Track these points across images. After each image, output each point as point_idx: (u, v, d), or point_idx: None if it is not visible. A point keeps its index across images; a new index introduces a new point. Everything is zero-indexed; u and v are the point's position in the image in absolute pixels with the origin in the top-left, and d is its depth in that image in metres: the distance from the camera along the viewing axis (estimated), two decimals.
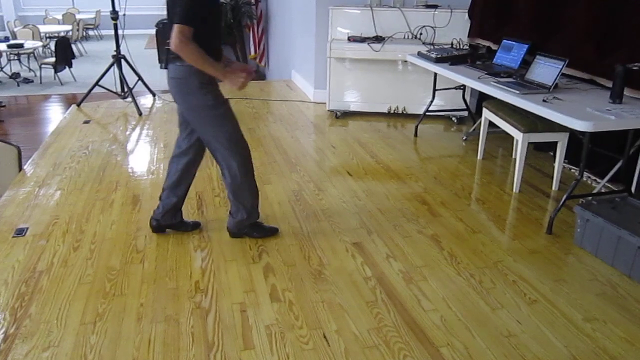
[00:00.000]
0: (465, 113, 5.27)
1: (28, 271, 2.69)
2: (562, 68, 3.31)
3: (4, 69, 9.53)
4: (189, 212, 3.34)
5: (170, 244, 2.98)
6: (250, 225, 3.00)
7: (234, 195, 2.87)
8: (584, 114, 2.89)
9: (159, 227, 3.06)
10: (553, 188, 3.76)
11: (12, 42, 9.65)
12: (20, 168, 3.85)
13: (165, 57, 2.67)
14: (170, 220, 3.05)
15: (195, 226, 3.13)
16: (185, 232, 3.08)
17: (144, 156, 4.36)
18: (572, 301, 2.53)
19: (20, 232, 3.06)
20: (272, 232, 3.06)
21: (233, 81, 2.61)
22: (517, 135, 3.67)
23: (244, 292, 2.56)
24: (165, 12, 2.59)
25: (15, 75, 9.43)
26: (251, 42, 9.01)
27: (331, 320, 2.37)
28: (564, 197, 3.16)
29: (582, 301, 2.53)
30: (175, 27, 2.41)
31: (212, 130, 2.72)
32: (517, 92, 3.30)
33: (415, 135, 4.94)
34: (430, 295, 2.56)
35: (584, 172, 3.21)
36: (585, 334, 2.31)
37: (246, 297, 2.52)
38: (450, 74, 4.05)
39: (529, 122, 3.58)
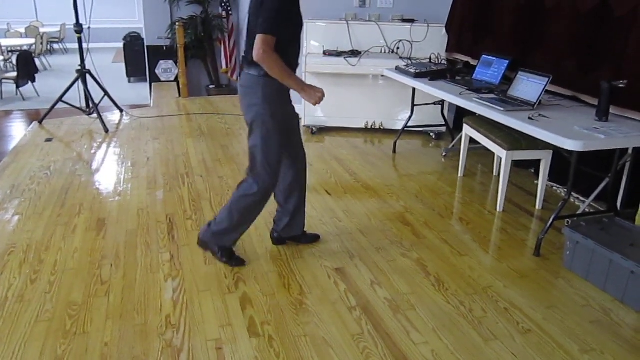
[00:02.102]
0: (444, 128, 5.18)
1: None
2: (546, 84, 3.23)
3: None
4: (158, 237, 3.13)
5: (138, 274, 2.76)
6: (220, 248, 2.84)
7: (231, 207, 2.74)
8: (572, 132, 2.80)
9: (279, 239, 3.07)
10: (537, 207, 3.67)
11: None
12: None
13: (240, 66, 2.65)
14: (290, 233, 3.03)
15: (315, 239, 3.12)
16: (157, 261, 2.86)
17: (111, 176, 4.12)
18: (567, 330, 2.40)
19: None
20: (239, 262, 2.87)
21: (311, 95, 2.59)
22: (500, 152, 3.57)
23: (220, 327, 2.36)
24: (127, 27, 2.44)
25: None
26: (222, 56, 8.82)
27: (315, 356, 2.20)
28: (551, 218, 3.05)
29: (577, 330, 2.41)
30: (259, 37, 2.37)
31: (257, 145, 2.63)
32: (502, 109, 3.20)
33: (394, 151, 4.82)
34: (420, 325, 2.41)
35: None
36: None
37: (222, 332, 2.33)
38: (430, 90, 3.95)
39: (513, 139, 3.49)
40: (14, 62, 9.32)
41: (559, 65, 3.54)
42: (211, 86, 8.98)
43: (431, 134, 5.30)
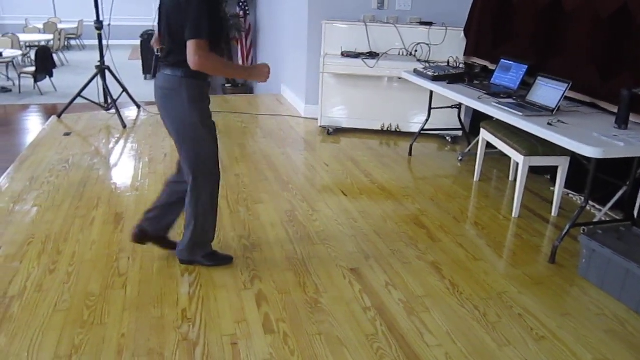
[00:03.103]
0: (460, 132, 5.17)
1: None
2: (565, 90, 3.22)
3: None
4: (175, 233, 3.15)
5: (155, 267, 2.79)
6: (204, 256, 2.81)
7: (189, 220, 2.69)
8: (592, 139, 2.78)
9: (140, 233, 2.85)
10: (552, 214, 3.65)
11: None
12: None
13: (154, 66, 2.54)
14: (162, 233, 2.90)
15: (172, 246, 2.90)
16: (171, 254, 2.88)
17: (128, 171, 4.16)
18: (581, 338, 2.39)
19: None
20: (227, 260, 2.86)
21: (260, 74, 2.60)
22: (517, 158, 3.56)
23: (235, 323, 2.38)
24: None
25: None
26: (239, 55, 8.87)
27: (329, 355, 2.20)
28: (568, 225, 3.04)
29: (591, 338, 2.39)
30: (191, 43, 2.27)
31: (188, 148, 2.55)
32: (520, 114, 3.19)
33: (410, 154, 4.82)
34: (434, 328, 2.41)
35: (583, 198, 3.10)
36: None
37: (237, 328, 2.34)
38: (448, 93, 3.94)
39: (530, 145, 3.48)
40: (33, 57, 9.43)
41: (578, 71, 3.52)
42: (227, 85, 9.03)
43: (447, 138, 5.29)
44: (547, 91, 3.35)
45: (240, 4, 8.44)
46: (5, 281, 2.60)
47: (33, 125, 7.04)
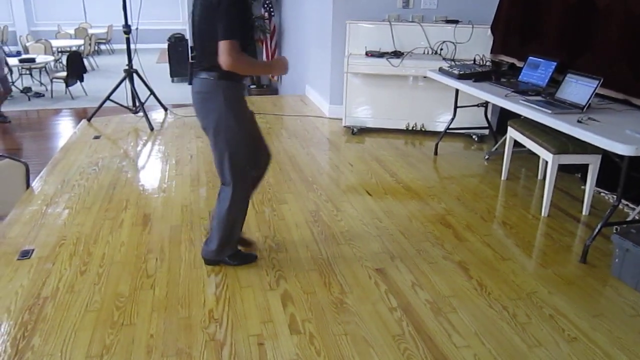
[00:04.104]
0: (486, 131, 5.11)
1: (32, 297, 2.54)
2: (596, 87, 3.14)
3: (15, 84, 9.47)
4: (201, 233, 3.19)
5: (182, 268, 2.82)
6: (230, 256, 2.84)
7: (218, 220, 2.71)
8: (624, 136, 2.71)
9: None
10: (583, 213, 3.57)
11: (23, 56, 9.62)
12: (28, 185, 3.71)
13: (190, 72, 2.59)
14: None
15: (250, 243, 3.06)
16: (200, 257, 2.92)
17: (155, 173, 4.22)
18: (615, 340, 2.33)
19: (26, 255, 2.91)
20: (252, 258, 2.90)
21: (280, 68, 2.67)
22: (546, 156, 3.49)
23: (261, 323, 2.39)
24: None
25: (26, 90, 9.38)
26: (264, 56, 8.92)
27: (355, 355, 2.20)
28: (600, 224, 2.97)
29: (625, 340, 2.33)
30: (223, 44, 2.32)
31: (223, 151, 2.58)
32: (549, 111, 3.13)
33: (435, 153, 4.77)
34: (461, 329, 2.38)
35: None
36: None
37: (264, 328, 2.35)
38: (474, 91, 3.89)
39: (560, 143, 3.41)
40: (64, 62, 9.66)
41: (609, 67, 3.44)
42: (252, 86, 9.10)
43: (473, 137, 5.22)
44: (577, 88, 3.28)
45: (265, 5, 8.49)
46: (39, 282, 2.66)
47: (65, 129, 7.23)
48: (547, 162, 3.52)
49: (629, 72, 3.32)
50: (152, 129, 5.40)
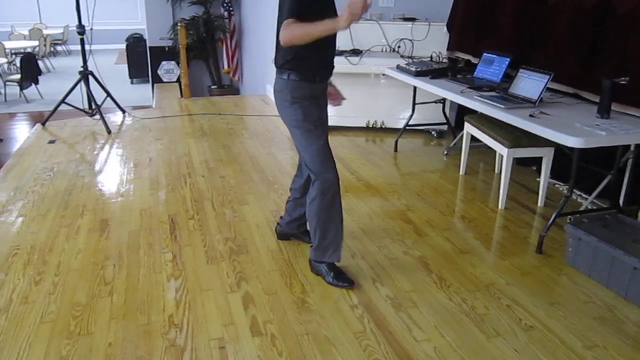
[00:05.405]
0: (445, 127, 5.18)
1: None
2: (547, 82, 3.22)
3: None
4: (160, 237, 3.14)
5: (141, 274, 2.77)
6: (328, 266, 2.71)
7: (310, 219, 2.66)
8: (574, 129, 2.79)
9: (283, 234, 3.10)
10: (539, 204, 3.67)
11: None
12: None
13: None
14: (294, 230, 3.04)
15: None
16: (160, 261, 2.87)
17: (113, 177, 4.14)
18: (570, 326, 2.40)
19: None
20: (346, 282, 2.67)
21: (350, 13, 2.12)
22: (501, 150, 3.57)
23: (223, 326, 2.37)
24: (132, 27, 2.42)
25: None
26: (224, 57, 8.84)
27: (317, 354, 2.20)
28: (554, 215, 3.05)
29: (580, 326, 2.41)
30: (284, 24, 2.29)
31: (300, 149, 2.63)
32: (502, 106, 3.20)
33: (395, 150, 4.82)
34: (422, 323, 2.41)
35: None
36: None
37: (225, 332, 2.34)
38: (431, 88, 3.95)
39: (514, 137, 3.48)
40: (18, 64, 9.36)
41: (560, 62, 3.53)
42: (213, 86, 9.01)
43: (433, 133, 5.30)
44: (529, 83, 3.36)
45: (225, 4, 8.42)
46: None
47: (20, 133, 7.00)
48: (502, 156, 3.60)
49: (578, 67, 3.42)
50: (109, 132, 5.29)
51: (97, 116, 5.53)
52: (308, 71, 2.52)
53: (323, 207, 2.61)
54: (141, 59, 10.07)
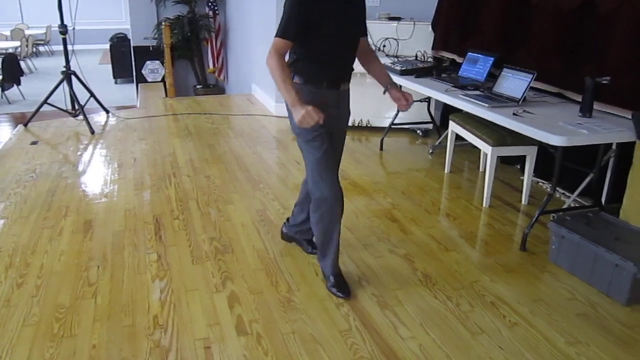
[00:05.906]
0: (430, 126, 5.21)
1: None
2: (530, 81, 3.25)
3: None
4: (145, 238, 3.12)
5: (125, 275, 2.75)
6: (332, 274, 2.66)
7: (313, 229, 2.63)
8: (557, 128, 2.82)
9: (286, 235, 3.05)
10: (523, 202, 3.70)
11: None
12: None
13: None
14: (294, 234, 2.99)
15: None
16: (144, 262, 2.85)
17: (97, 178, 4.10)
18: (553, 323, 2.43)
19: None
20: (344, 293, 2.59)
21: (299, 116, 2.20)
22: (485, 149, 3.59)
23: (208, 326, 2.36)
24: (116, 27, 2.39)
25: None
26: (209, 56, 8.80)
27: (303, 353, 2.20)
28: (537, 213, 3.08)
29: (563, 323, 2.43)
30: (273, 41, 2.27)
31: (302, 154, 2.54)
32: (487, 105, 3.22)
33: (381, 149, 4.84)
34: (407, 320, 2.42)
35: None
36: (571, 359, 2.20)
37: (210, 331, 2.32)
38: (416, 87, 3.96)
39: (498, 135, 3.51)
40: None
41: (543, 62, 3.57)
42: (198, 86, 8.96)
43: (418, 131, 5.32)
44: (513, 82, 3.38)
45: (209, 4, 8.37)
46: None
47: (1, 135, 6.89)
48: (487, 155, 3.62)
49: (561, 66, 3.46)
50: (93, 132, 5.24)
51: (81, 117, 5.47)
52: (314, 75, 2.40)
53: (315, 222, 2.56)
54: (125, 58, 9.99)
